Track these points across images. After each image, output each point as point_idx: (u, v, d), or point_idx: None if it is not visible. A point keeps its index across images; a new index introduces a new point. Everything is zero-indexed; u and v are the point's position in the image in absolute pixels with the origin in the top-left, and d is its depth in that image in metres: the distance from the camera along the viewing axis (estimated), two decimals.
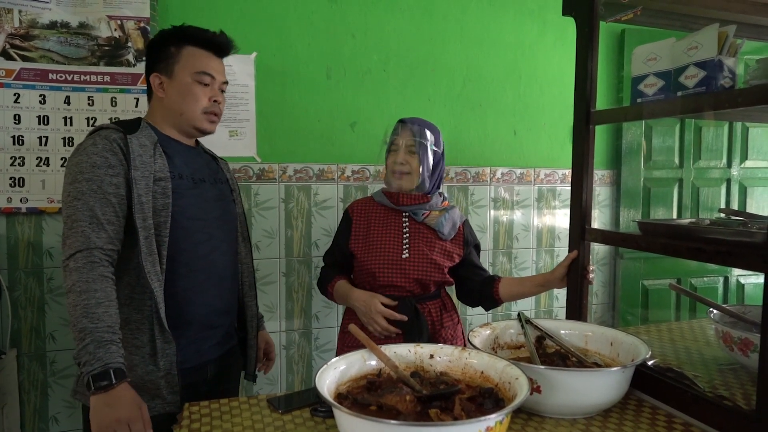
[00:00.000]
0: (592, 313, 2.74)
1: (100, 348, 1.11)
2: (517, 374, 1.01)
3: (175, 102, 1.37)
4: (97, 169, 1.23)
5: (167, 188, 1.29)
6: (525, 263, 2.66)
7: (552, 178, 2.67)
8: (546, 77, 2.60)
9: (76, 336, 1.13)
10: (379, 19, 2.33)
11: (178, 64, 1.36)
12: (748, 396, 1.18)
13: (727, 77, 1.11)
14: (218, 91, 1.42)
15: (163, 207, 1.28)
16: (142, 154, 1.27)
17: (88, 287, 1.15)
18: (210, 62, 1.40)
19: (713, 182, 2.84)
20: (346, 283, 1.66)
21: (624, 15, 1.43)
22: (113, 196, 1.23)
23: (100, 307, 1.15)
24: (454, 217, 1.68)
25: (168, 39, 1.38)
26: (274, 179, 2.23)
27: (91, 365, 1.10)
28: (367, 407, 0.98)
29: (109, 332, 1.14)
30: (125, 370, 1.15)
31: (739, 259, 1.02)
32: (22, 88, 1.90)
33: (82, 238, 1.18)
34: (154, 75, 1.38)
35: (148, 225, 1.25)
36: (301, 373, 2.34)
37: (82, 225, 1.19)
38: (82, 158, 1.24)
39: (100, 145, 1.25)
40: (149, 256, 1.24)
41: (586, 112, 1.43)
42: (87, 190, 1.21)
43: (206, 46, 1.40)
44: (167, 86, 1.38)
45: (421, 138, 1.60)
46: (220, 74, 1.43)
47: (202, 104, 1.38)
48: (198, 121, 1.39)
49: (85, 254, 1.18)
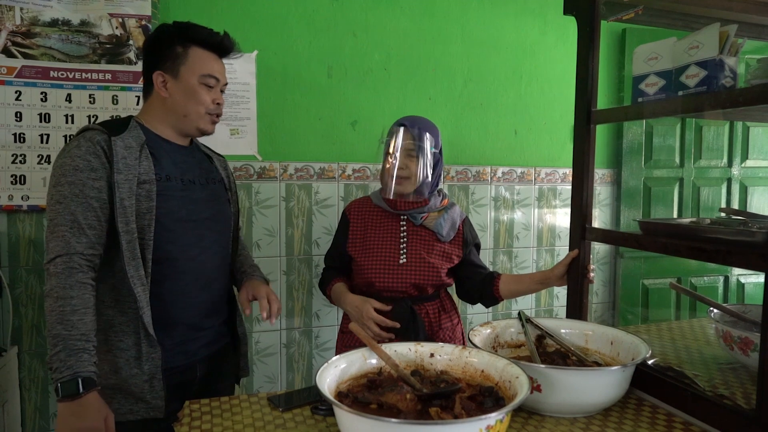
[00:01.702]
0: (592, 312, 2.74)
1: (71, 356, 1.12)
2: (518, 373, 1.01)
3: (179, 103, 1.36)
4: (79, 173, 1.21)
5: (152, 191, 1.27)
6: (525, 262, 2.66)
7: (553, 177, 2.67)
8: (547, 76, 2.60)
9: (50, 342, 1.14)
10: (381, 18, 2.33)
11: (185, 66, 1.35)
12: (748, 395, 1.18)
13: (728, 77, 1.11)
14: (220, 93, 1.42)
15: (147, 210, 1.26)
16: (127, 156, 1.25)
17: (65, 293, 1.15)
18: (215, 65, 1.40)
19: (714, 182, 2.84)
20: (342, 286, 1.66)
21: (625, 14, 1.43)
22: (95, 200, 1.22)
23: (75, 315, 1.15)
24: (454, 216, 1.66)
25: (174, 37, 1.36)
26: (274, 178, 2.24)
27: (60, 372, 1.11)
28: (368, 405, 0.98)
29: (82, 340, 1.14)
30: (95, 379, 1.15)
31: (740, 259, 1.02)
32: (24, 85, 1.91)
33: (62, 243, 1.18)
34: (157, 73, 1.36)
35: (131, 229, 1.23)
36: (302, 371, 2.34)
37: (62, 230, 1.19)
38: (66, 161, 1.23)
39: (84, 147, 1.23)
40: (132, 260, 1.23)
41: (587, 111, 1.43)
42: (69, 193, 1.20)
43: (212, 48, 1.39)
44: (171, 86, 1.36)
45: (421, 141, 1.56)
46: (223, 76, 1.43)
47: (207, 107, 1.38)
48: (201, 122, 1.39)
49: (65, 259, 1.17)
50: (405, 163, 1.56)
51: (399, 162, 1.56)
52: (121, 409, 1.27)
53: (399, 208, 1.62)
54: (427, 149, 1.56)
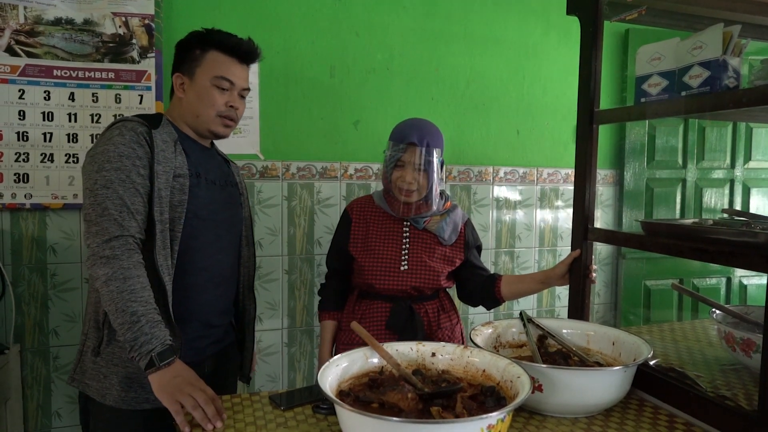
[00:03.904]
0: (594, 313, 2.74)
1: (155, 328, 1.15)
2: (519, 373, 1.01)
3: (192, 104, 1.39)
4: (125, 159, 1.24)
5: (185, 185, 1.31)
6: (527, 263, 2.66)
7: (555, 177, 2.66)
8: (549, 77, 2.59)
9: (126, 320, 1.14)
10: (383, 19, 2.33)
11: (200, 68, 1.38)
12: (750, 396, 1.18)
13: (732, 77, 1.11)
14: (237, 97, 1.42)
15: (180, 203, 1.30)
16: (165, 150, 1.30)
17: (130, 273, 1.18)
18: (232, 68, 1.40)
19: (716, 182, 2.84)
20: (329, 326, 1.70)
21: (628, 14, 1.43)
22: (141, 187, 1.24)
23: (145, 291, 1.18)
24: (456, 219, 1.66)
25: (195, 41, 1.40)
26: (277, 177, 2.24)
27: (151, 344, 1.14)
28: (369, 405, 0.98)
29: (157, 313, 1.18)
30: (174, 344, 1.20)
31: (742, 260, 1.02)
32: (27, 84, 1.91)
33: (116, 225, 1.20)
34: (176, 75, 1.41)
35: (164, 219, 1.27)
36: (303, 370, 2.34)
37: (113, 213, 1.20)
38: (109, 147, 1.24)
39: (128, 136, 1.26)
40: (163, 249, 1.26)
41: (590, 111, 1.43)
42: (116, 179, 1.22)
43: (231, 53, 1.40)
44: (187, 87, 1.40)
45: (429, 156, 1.54)
46: (242, 80, 1.42)
47: (218, 108, 1.39)
48: (212, 124, 1.41)
49: (122, 241, 1.19)
50: (414, 176, 1.54)
51: (408, 176, 1.54)
52: (138, 398, 1.30)
53: (404, 214, 1.62)
54: (435, 163, 1.55)
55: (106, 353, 1.29)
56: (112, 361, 1.29)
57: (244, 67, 1.44)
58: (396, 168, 1.56)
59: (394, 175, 1.57)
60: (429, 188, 1.57)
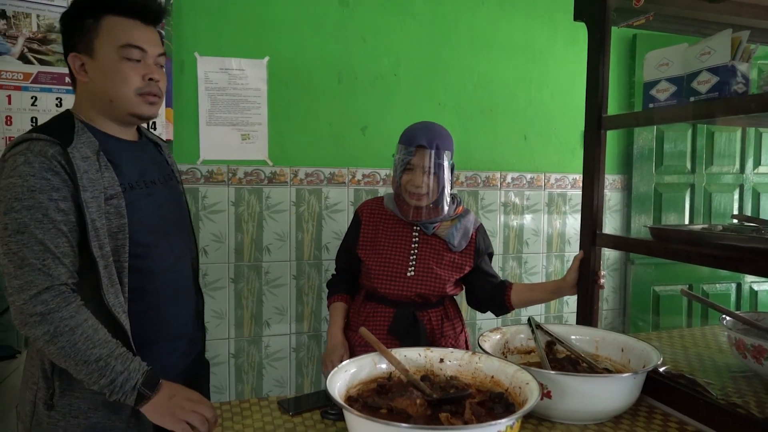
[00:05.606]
0: (602, 319, 2.72)
1: (127, 361, 1.05)
2: (528, 379, 1.01)
3: (100, 86, 1.14)
4: (38, 194, 1.02)
5: (120, 206, 1.11)
6: (535, 268, 2.65)
7: (562, 182, 2.66)
8: (557, 82, 2.59)
9: (93, 369, 1.02)
10: (390, 24, 2.34)
11: (98, 39, 1.12)
12: (761, 404, 1.17)
13: (741, 83, 1.11)
14: (154, 67, 1.17)
15: (119, 228, 1.11)
16: (88, 170, 1.07)
17: (75, 322, 1.03)
18: (136, 32, 1.15)
19: (726, 188, 2.82)
20: (339, 307, 1.69)
21: (636, 20, 1.43)
22: (63, 224, 1.04)
23: (100, 332, 1.05)
24: (467, 225, 1.64)
25: (83, 9, 1.14)
26: (285, 182, 2.25)
27: (132, 379, 1.04)
28: (378, 410, 0.99)
29: (121, 346, 1.07)
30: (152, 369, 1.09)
31: (752, 266, 1.02)
32: (40, 91, 1.93)
33: (42, 276, 1.01)
34: (72, 55, 1.14)
35: (105, 253, 1.08)
36: (311, 375, 2.34)
37: (34, 262, 1.01)
38: (15, 181, 1.02)
39: (36, 163, 1.03)
40: (111, 287, 1.09)
41: (598, 117, 1.43)
42: (30, 220, 1.01)
43: (130, 13, 1.15)
44: (89, 67, 1.14)
45: (440, 159, 1.53)
46: (153, 45, 1.17)
47: (135, 84, 1.14)
48: (132, 105, 1.16)
49: (54, 293, 1.02)
50: (424, 180, 1.53)
51: (418, 180, 1.53)
52: None
53: (413, 219, 1.61)
54: (445, 167, 1.54)
55: (62, 405, 1.10)
56: (71, 413, 1.11)
57: (151, 28, 1.19)
58: (406, 171, 1.55)
59: (404, 178, 1.56)
60: (439, 192, 1.56)
